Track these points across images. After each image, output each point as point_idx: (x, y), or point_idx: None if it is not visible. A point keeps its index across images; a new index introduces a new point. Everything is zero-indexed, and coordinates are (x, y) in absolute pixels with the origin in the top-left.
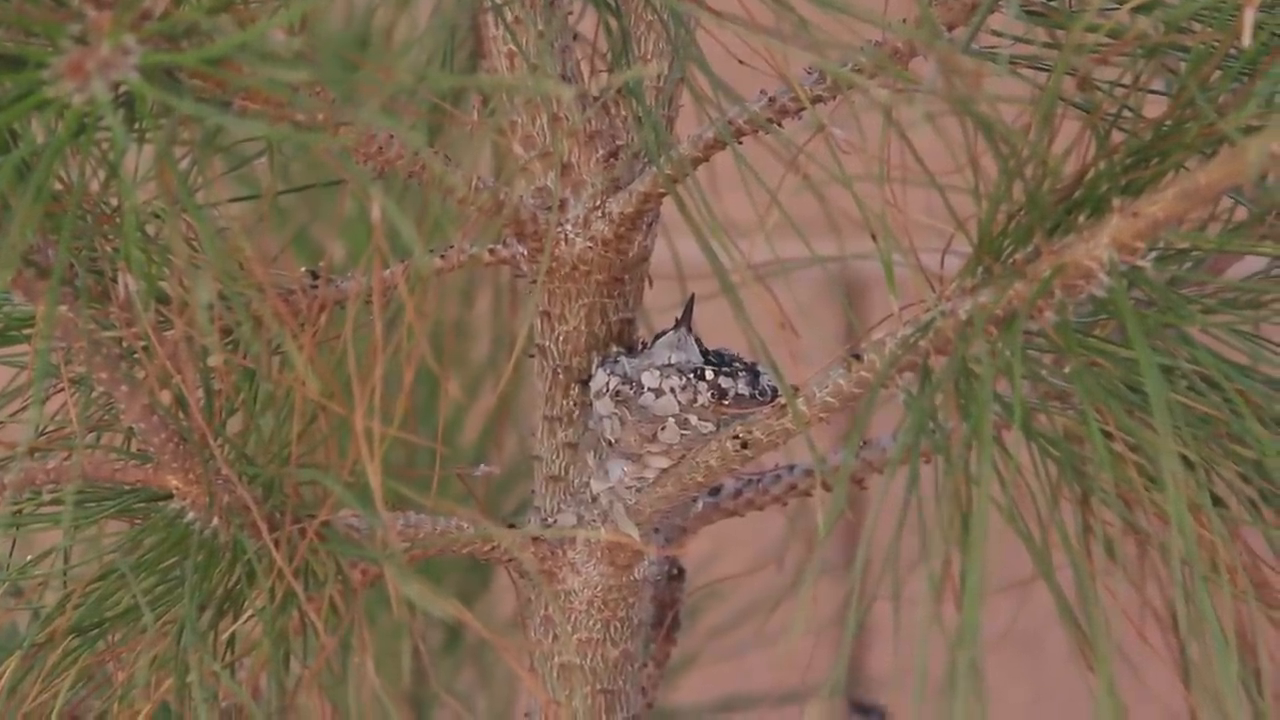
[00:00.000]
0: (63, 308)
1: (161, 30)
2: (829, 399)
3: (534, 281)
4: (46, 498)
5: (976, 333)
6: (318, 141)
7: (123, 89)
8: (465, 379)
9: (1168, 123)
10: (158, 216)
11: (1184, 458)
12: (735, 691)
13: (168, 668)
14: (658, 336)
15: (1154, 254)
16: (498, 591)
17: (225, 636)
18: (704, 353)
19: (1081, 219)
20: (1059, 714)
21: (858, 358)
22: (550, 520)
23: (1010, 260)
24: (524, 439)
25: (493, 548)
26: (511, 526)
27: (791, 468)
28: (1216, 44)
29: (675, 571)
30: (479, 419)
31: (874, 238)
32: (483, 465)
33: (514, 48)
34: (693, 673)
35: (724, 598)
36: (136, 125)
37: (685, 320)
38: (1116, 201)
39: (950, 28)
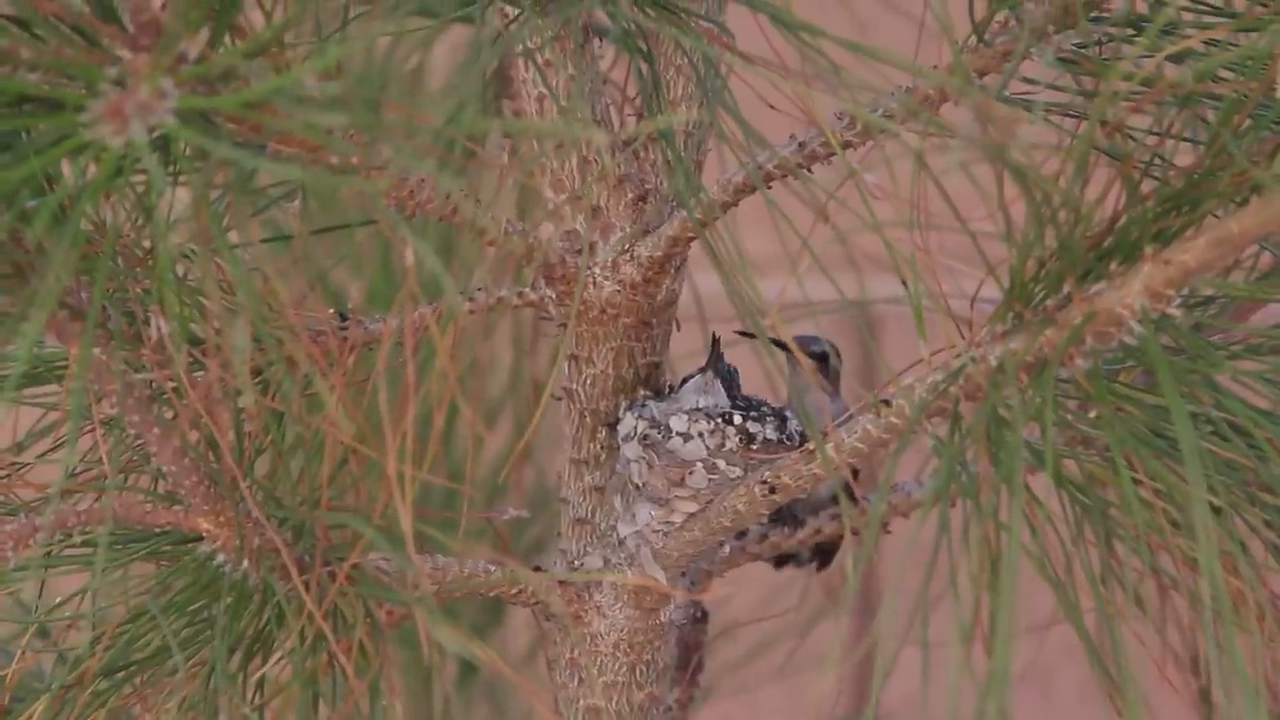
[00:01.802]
0: (96, 350)
1: (198, 74)
2: (858, 444)
3: (562, 325)
4: (77, 539)
5: (1008, 379)
6: (353, 185)
7: (158, 132)
8: (483, 415)
9: (1199, 171)
10: (188, 258)
11: (1211, 504)
12: None
13: (197, 710)
14: (685, 380)
15: (1179, 301)
16: (512, 627)
17: (255, 679)
18: (732, 397)
19: (1113, 266)
20: None
21: (887, 404)
22: (577, 563)
23: (1042, 307)
24: (542, 476)
25: (519, 590)
26: (537, 569)
27: (818, 512)
28: (1248, 94)
29: (699, 614)
30: (494, 455)
31: (904, 283)
32: (511, 509)
33: (545, 90)
34: (705, 708)
35: (738, 635)
36: (172, 168)
37: (711, 364)
38: (1148, 249)
39: (981, 74)
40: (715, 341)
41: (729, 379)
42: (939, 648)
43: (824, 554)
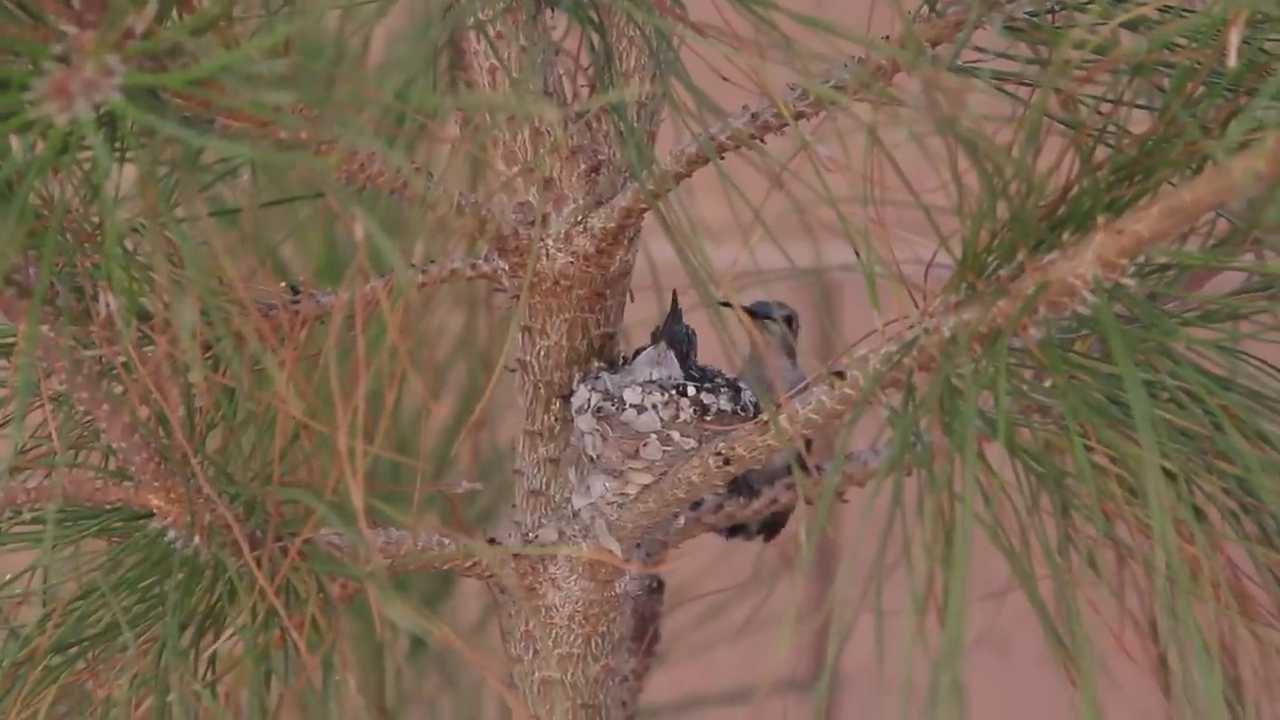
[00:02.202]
0: (44, 327)
1: (145, 50)
2: (812, 415)
3: (515, 297)
4: (26, 517)
5: (961, 350)
6: (301, 162)
7: (105, 109)
8: (433, 388)
9: (1152, 140)
10: (138, 231)
11: (1166, 471)
12: (700, 690)
13: (149, 686)
14: (637, 352)
15: (1133, 269)
16: (463, 596)
17: (207, 655)
18: (686, 366)
19: (1066, 236)
20: (1031, 716)
21: (841, 375)
22: (532, 535)
23: (994, 277)
24: (495, 446)
25: (473, 564)
26: (492, 542)
27: (773, 482)
28: (1201, 62)
29: (655, 585)
30: (441, 425)
31: (857, 254)
32: (464, 481)
33: (496, 62)
34: (663, 672)
35: (692, 600)
36: (119, 145)
37: (664, 335)
38: (1101, 219)
39: (934, 44)
40: (674, 305)
41: (687, 341)
42: (896, 616)
43: (771, 526)
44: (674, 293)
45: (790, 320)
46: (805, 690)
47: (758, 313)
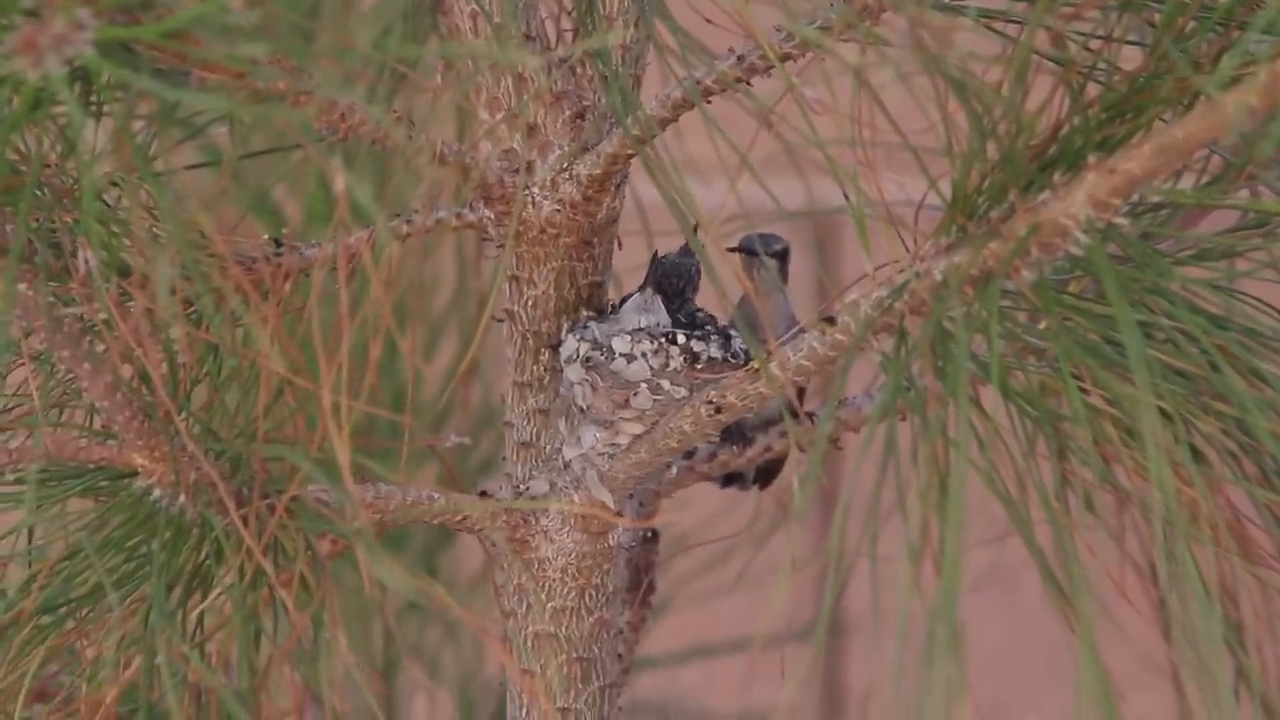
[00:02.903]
0: (21, 285)
1: (116, 3)
2: (803, 362)
3: (501, 246)
4: (9, 478)
5: (952, 294)
6: (279, 115)
7: (78, 63)
8: (426, 335)
9: (1143, 76)
10: (117, 185)
11: (1163, 412)
12: (703, 638)
13: (137, 647)
14: (624, 300)
15: (1126, 209)
16: (465, 544)
17: (195, 615)
18: (677, 309)
19: (1057, 176)
20: (1036, 655)
21: (831, 321)
22: (522, 487)
23: (985, 219)
24: (488, 394)
25: (464, 518)
26: (483, 494)
27: (767, 429)
28: None
29: (649, 534)
30: (440, 376)
31: (846, 197)
32: (453, 436)
33: (477, 6)
34: (664, 619)
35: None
36: (93, 99)
37: (650, 280)
38: (1092, 158)
39: None
40: (654, 257)
41: (688, 277)
42: (895, 561)
43: (766, 473)
44: (654, 251)
45: (784, 255)
46: (806, 638)
47: (747, 249)
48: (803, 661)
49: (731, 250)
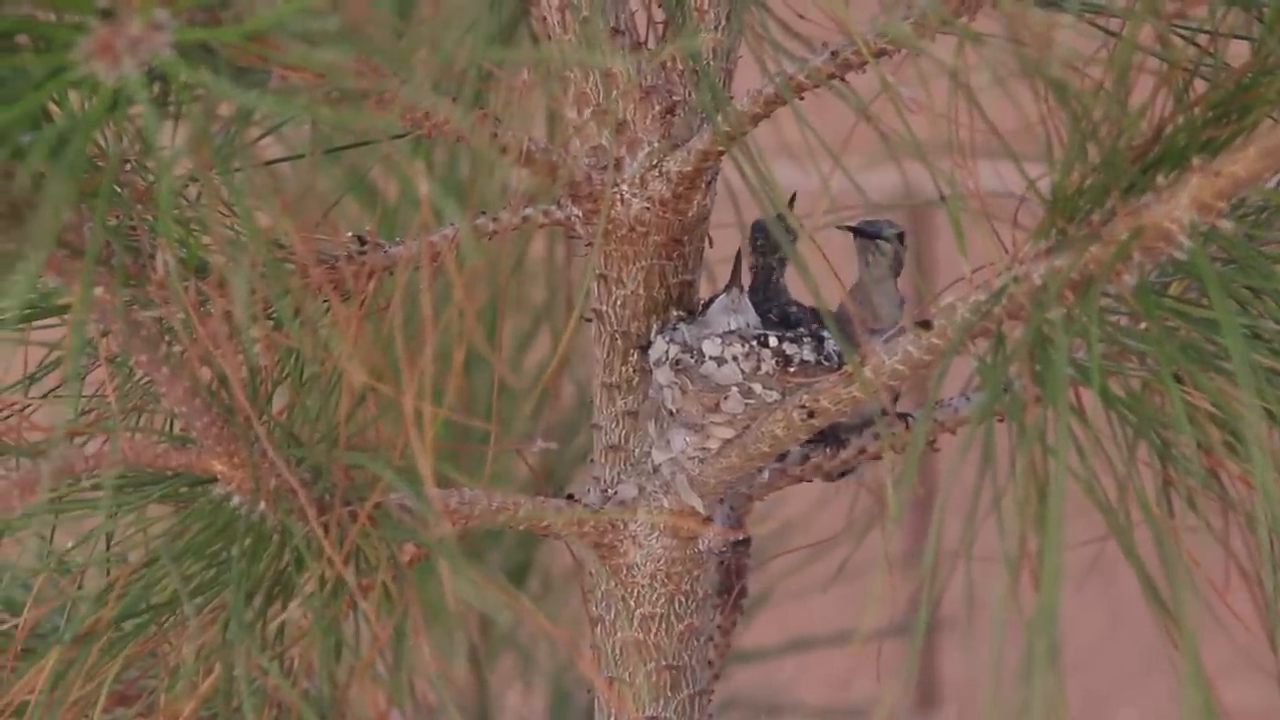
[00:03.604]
0: (98, 289)
1: (194, 3)
2: (898, 366)
3: (590, 244)
4: (86, 484)
5: (1052, 299)
6: (359, 120)
7: (155, 64)
8: (517, 333)
9: (1249, 75)
10: (197, 180)
11: (1268, 414)
12: (802, 633)
13: (214, 657)
14: (709, 302)
15: (1226, 209)
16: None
17: (275, 624)
18: (765, 311)
19: (1160, 178)
20: (1136, 640)
21: (928, 325)
22: (611, 491)
23: (1086, 222)
24: (582, 393)
25: (549, 524)
26: (570, 498)
27: (861, 430)
28: None
29: (741, 538)
30: (531, 373)
31: (942, 198)
32: (539, 441)
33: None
34: (762, 612)
35: (791, 540)
36: (171, 100)
37: (735, 280)
38: (1196, 160)
39: None
40: (738, 256)
41: (779, 261)
42: (994, 561)
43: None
44: (738, 252)
45: (900, 239)
46: (901, 634)
47: (867, 232)
48: (898, 657)
49: (846, 228)
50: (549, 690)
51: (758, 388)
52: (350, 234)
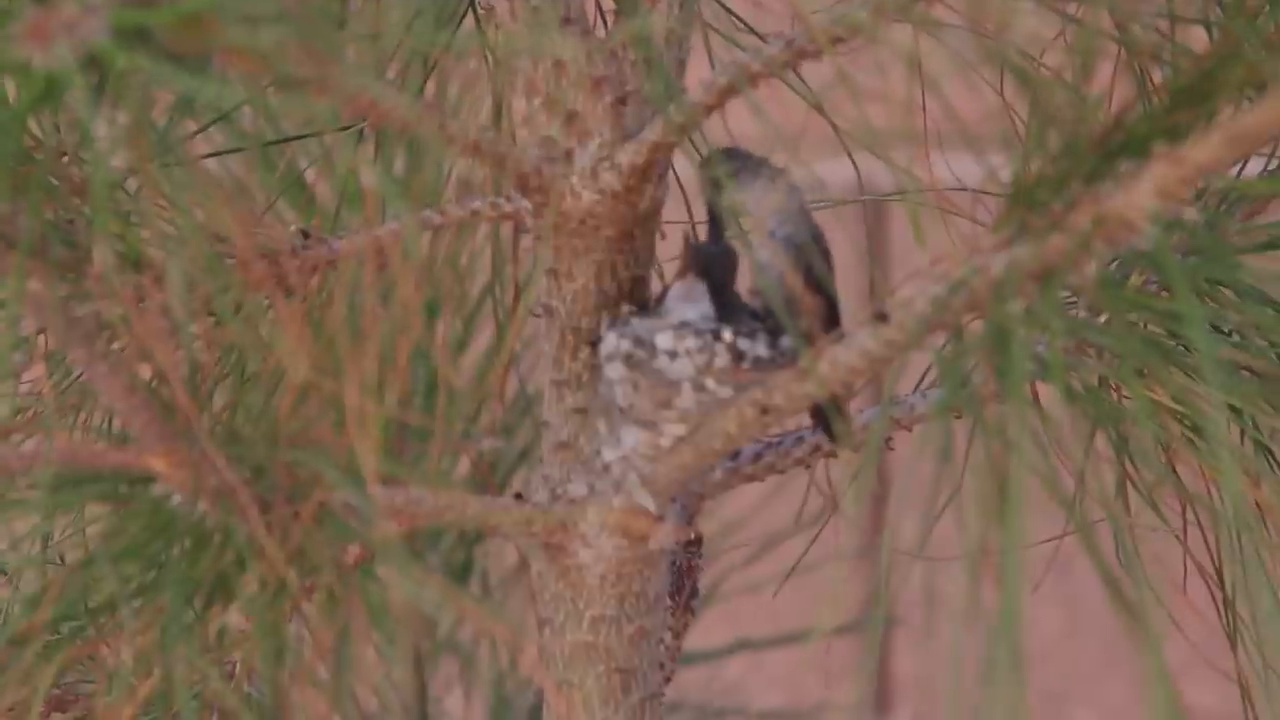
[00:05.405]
0: (33, 283)
1: None
2: (855, 362)
3: (539, 237)
4: (22, 483)
5: (1012, 290)
6: (300, 105)
7: (89, 49)
8: (459, 326)
9: (1212, 61)
10: (136, 172)
11: (1233, 408)
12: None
13: (154, 659)
14: (665, 291)
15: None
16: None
17: (215, 627)
18: (721, 299)
19: (1122, 166)
20: (1092, 639)
21: (884, 318)
22: (560, 490)
23: (1047, 211)
24: (524, 386)
25: (497, 524)
26: (517, 496)
27: (815, 428)
28: None
29: (692, 538)
30: (473, 366)
31: (899, 192)
32: (486, 439)
33: None
34: (713, 608)
35: (744, 537)
36: (107, 87)
37: (691, 266)
38: (1159, 146)
39: None
40: (685, 243)
41: (721, 266)
42: (947, 561)
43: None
44: (685, 237)
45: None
46: (851, 632)
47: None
48: (850, 656)
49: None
50: (490, 696)
51: (710, 383)
52: (294, 228)
